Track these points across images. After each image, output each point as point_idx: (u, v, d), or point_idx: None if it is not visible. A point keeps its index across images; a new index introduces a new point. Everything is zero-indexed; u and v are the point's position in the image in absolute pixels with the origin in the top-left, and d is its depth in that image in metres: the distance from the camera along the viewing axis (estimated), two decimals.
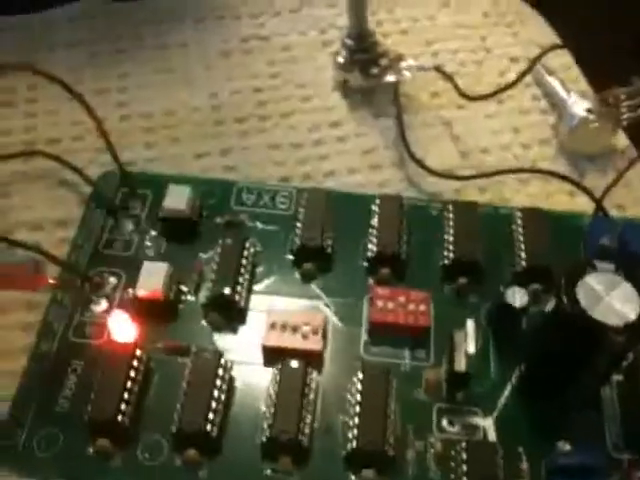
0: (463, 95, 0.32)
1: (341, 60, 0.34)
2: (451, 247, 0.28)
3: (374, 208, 0.29)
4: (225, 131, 0.33)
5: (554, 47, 0.34)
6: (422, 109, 0.34)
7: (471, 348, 0.24)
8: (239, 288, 0.27)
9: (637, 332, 0.21)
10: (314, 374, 0.25)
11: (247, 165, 0.32)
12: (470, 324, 0.24)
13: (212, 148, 0.33)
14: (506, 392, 0.25)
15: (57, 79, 0.28)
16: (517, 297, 0.25)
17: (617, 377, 0.25)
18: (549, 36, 0.38)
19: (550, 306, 0.23)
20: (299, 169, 0.32)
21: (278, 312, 0.26)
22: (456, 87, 0.33)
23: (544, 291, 0.27)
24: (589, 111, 0.31)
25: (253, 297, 0.27)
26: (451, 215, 0.29)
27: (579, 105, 0.32)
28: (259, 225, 0.29)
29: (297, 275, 0.28)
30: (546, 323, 0.23)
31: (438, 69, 0.33)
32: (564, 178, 0.30)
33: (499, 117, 0.34)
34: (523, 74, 0.32)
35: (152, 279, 0.26)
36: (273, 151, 0.33)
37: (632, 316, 0.21)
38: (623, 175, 0.29)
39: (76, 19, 0.38)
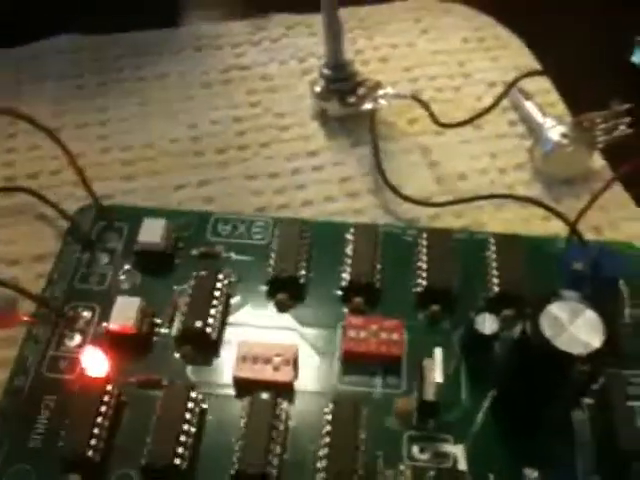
0: (438, 123, 0.32)
1: (319, 89, 0.34)
2: (424, 274, 0.28)
3: (349, 237, 0.29)
4: (204, 162, 0.34)
5: (530, 73, 0.34)
6: (400, 136, 0.35)
7: (438, 377, 0.24)
8: (211, 320, 0.27)
9: (601, 360, 0.21)
10: (285, 405, 0.25)
11: (225, 196, 0.32)
12: (438, 353, 0.24)
13: (191, 179, 0.33)
14: (478, 419, 0.25)
15: (26, 117, 0.29)
16: (487, 324, 0.25)
17: (588, 400, 0.25)
18: (528, 60, 0.38)
19: (516, 334, 0.23)
20: (276, 199, 0.32)
21: (250, 344, 0.26)
22: (432, 115, 0.33)
23: (516, 317, 0.26)
24: (564, 135, 0.31)
25: (227, 328, 0.27)
26: (425, 242, 0.29)
27: (554, 129, 0.32)
28: (234, 256, 0.29)
29: (271, 305, 0.28)
30: (513, 351, 0.23)
31: (414, 97, 0.34)
32: (537, 203, 0.30)
33: (476, 142, 0.34)
34: (498, 100, 0.33)
35: (125, 313, 0.26)
36: (251, 181, 0.33)
37: (596, 344, 0.21)
38: (597, 198, 0.29)
39: (61, 52, 0.38)
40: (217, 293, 0.27)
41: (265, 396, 0.24)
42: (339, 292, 0.28)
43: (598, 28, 0.39)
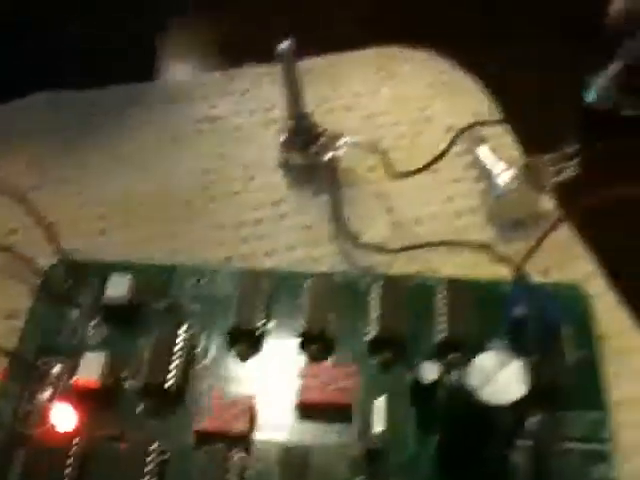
0: (392, 174, 0.34)
1: (282, 140, 0.36)
2: (376, 321, 0.29)
3: (306, 286, 0.31)
4: (173, 214, 0.35)
5: (477, 123, 0.35)
6: (360, 183, 0.36)
7: (379, 427, 0.25)
8: (173, 374, 0.28)
9: (525, 409, 0.23)
10: (240, 455, 0.26)
11: (192, 247, 0.34)
12: (380, 402, 0.26)
13: (160, 232, 0.34)
14: (423, 464, 0.26)
15: None
16: (427, 372, 0.26)
17: (524, 442, 0.26)
18: (487, 104, 0.39)
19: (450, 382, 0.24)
20: (241, 248, 0.34)
21: (210, 395, 0.28)
22: (387, 165, 0.34)
23: (461, 363, 0.28)
24: (513, 179, 0.33)
25: (188, 381, 0.29)
26: (378, 289, 0.30)
27: (504, 174, 0.33)
28: (198, 308, 0.31)
29: (231, 356, 0.29)
30: (448, 399, 0.25)
31: (372, 146, 0.35)
32: (482, 247, 0.31)
33: (432, 187, 0.36)
34: (448, 146, 0.34)
35: (90, 368, 0.28)
36: (217, 232, 0.34)
37: (519, 394, 0.23)
38: (542, 242, 0.30)
39: (37, 109, 0.40)
40: (179, 346, 0.29)
41: (219, 447, 0.26)
42: (297, 341, 0.29)
43: (554, 68, 0.40)
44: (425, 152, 0.36)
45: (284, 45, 0.33)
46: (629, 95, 0.37)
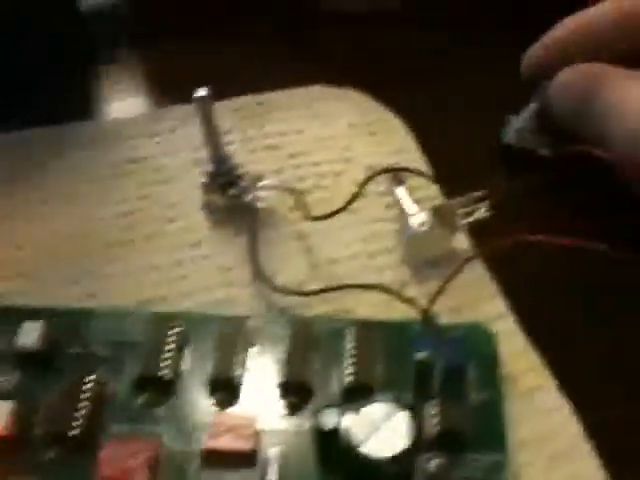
0: (307, 215, 0.34)
1: (204, 181, 0.36)
2: (283, 366, 0.29)
3: (216, 330, 0.31)
4: (91, 258, 0.35)
5: (386, 170, 0.36)
6: (280, 224, 0.36)
7: (272, 476, 0.25)
8: (78, 422, 0.28)
9: (409, 461, 0.23)
10: None
11: (109, 291, 0.34)
12: (273, 452, 0.26)
13: (78, 275, 0.35)
14: None
15: None
16: (328, 419, 0.26)
17: None
18: (410, 143, 0.40)
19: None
20: (158, 292, 0.34)
21: (112, 444, 0.28)
22: (303, 207, 0.35)
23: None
24: (424, 221, 0.33)
25: (95, 428, 0.29)
26: (288, 332, 0.30)
27: (417, 216, 0.34)
28: (110, 353, 0.31)
29: (138, 404, 0.29)
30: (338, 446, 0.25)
31: (291, 189, 0.36)
32: (386, 290, 0.31)
33: (351, 227, 0.36)
34: (359, 190, 0.34)
35: None
36: (134, 275, 0.35)
37: (402, 446, 0.23)
38: (448, 282, 0.31)
39: None
40: (86, 394, 0.29)
41: None
42: (205, 388, 0.30)
43: (479, 108, 0.41)
44: (345, 192, 0.37)
45: (201, 92, 0.33)
46: (545, 135, 0.37)
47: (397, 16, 0.46)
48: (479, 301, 0.33)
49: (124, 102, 0.45)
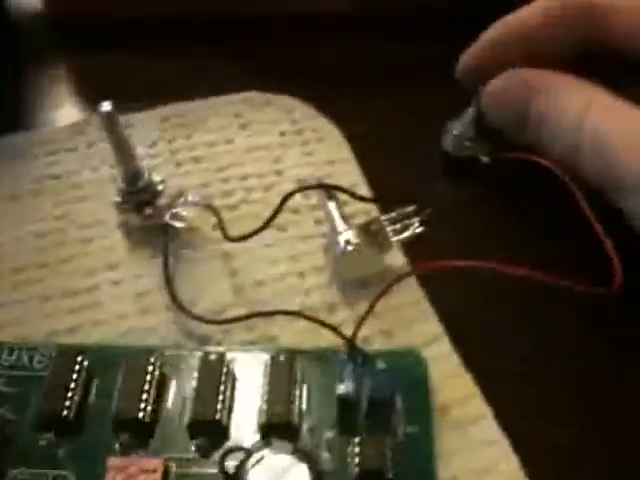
0: (226, 237, 0.32)
1: (118, 200, 0.34)
2: (191, 404, 0.27)
3: (122, 364, 0.28)
4: (1, 284, 0.33)
5: (305, 188, 0.34)
6: (204, 243, 0.34)
7: None
8: None
9: None
10: None
11: (16, 321, 0.31)
12: None
13: None
14: None
15: None
16: (230, 466, 0.24)
17: None
18: (344, 153, 0.38)
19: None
20: (68, 320, 0.31)
21: None
22: (222, 228, 0.32)
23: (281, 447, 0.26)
24: (352, 239, 0.31)
25: None
26: (197, 365, 0.28)
27: (345, 233, 0.31)
28: (14, 390, 0.29)
29: (42, 444, 0.27)
30: None
31: (210, 206, 0.33)
32: (308, 318, 0.29)
33: (279, 245, 0.34)
34: (279, 207, 0.32)
35: None
36: (44, 303, 0.32)
37: None
38: (375, 305, 0.29)
39: None
40: None
41: None
42: (110, 428, 0.27)
43: (413, 115, 0.39)
44: (275, 207, 0.34)
45: (105, 106, 0.30)
46: (484, 142, 0.35)
47: (335, 21, 0.44)
48: (412, 323, 0.31)
49: (52, 114, 0.42)
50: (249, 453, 0.24)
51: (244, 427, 0.27)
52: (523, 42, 0.32)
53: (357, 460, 0.25)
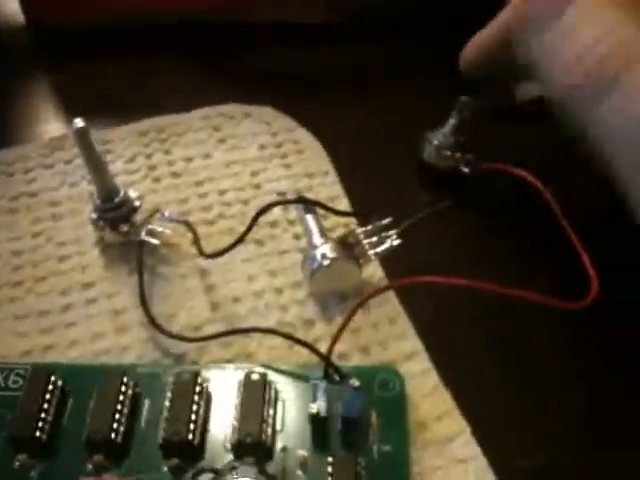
0: (202, 253, 0.32)
1: (94, 217, 0.34)
2: (164, 424, 0.27)
3: (97, 383, 0.28)
4: None
5: (276, 203, 0.34)
6: (181, 259, 0.34)
7: None
8: None
9: None
10: None
11: None
12: None
13: None
14: None
15: None
16: None
17: None
18: (323, 165, 0.37)
19: None
20: (42, 340, 0.31)
21: None
22: (197, 244, 0.32)
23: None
24: (328, 253, 0.31)
25: None
26: (172, 385, 0.28)
27: (322, 247, 0.31)
28: None
29: (16, 465, 0.27)
30: None
31: (186, 222, 0.33)
32: (283, 335, 0.29)
33: (257, 260, 0.34)
34: (253, 220, 0.32)
35: None
36: (18, 322, 0.32)
37: None
38: (347, 324, 0.28)
39: None
40: None
41: None
42: (83, 450, 0.27)
43: (394, 126, 0.38)
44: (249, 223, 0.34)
45: (77, 123, 0.30)
46: (464, 152, 0.35)
47: (312, 31, 0.44)
48: (390, 339, 0.31)
49: (31, 128, 0.42)
50: (219, 474, 0.23)
51: (217, 446, 0.27)
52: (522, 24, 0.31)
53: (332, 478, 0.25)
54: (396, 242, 0.31)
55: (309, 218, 0.33)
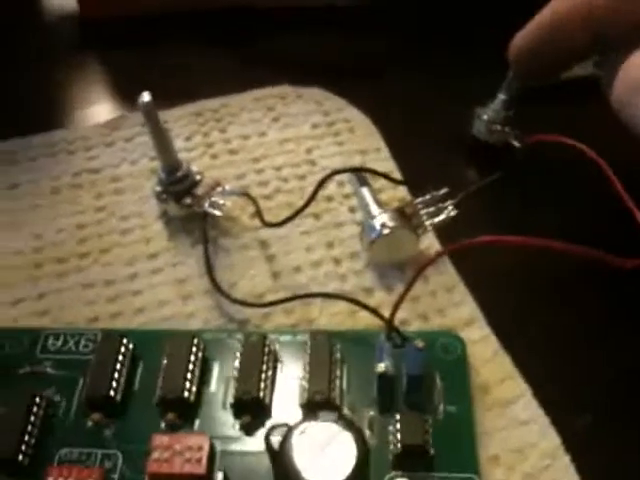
0: (263, 223, 0.33)
1: (158, 190, 0.35)
2: (235, 383, 0.28)
3: (166, 347, 0.29)
4: (43, 274, 0.34)
5: (343, 170, 0.34)
6: (240, 231, 0.35)
7: None
8: (24, 447, 0.27)
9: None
10: None
11: (60, 308, 0.32)
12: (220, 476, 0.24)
13: (28, 293, 0.33)
14: None
15: None
16: (274, 441, 0.25)
17: None
18: (375, 142, 0.38)
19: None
20: (109, 308, 0.32)
21: (59, 469, 0.26)
22: (258, 213, 0.33)
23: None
24: (386, 223, 0.31)
25: (41, 451, 0.27)
26: (240, 347, 0.29)
27: (379, 217, 0.32)
28: (61, 373, 0.29)
29: (88, 425, 0.28)
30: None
31: (247, 194, 0.34)
32: (349, 300, 0.30)
33: (315, 233, 0.34)
34: (314, 193, 0.33)
35: None
36: (86, 291, 0.33)
37: (347, 470, 0.21)
38: (411, 288, 0.29)
39: None
40: (33, 417, 0.27)
41: None
42: (156, 409, 0.28)
43: (443, 102, 0.39)
44: (309, 195, 0.35)
45: (144, 97, 0.31)
46: (514, 127, 0.36)
47: (352, 14, 0.45)
48: (449, 306, 0.31)
49: (86, 110, 0.43)
50: (293, 429, 0.24)
51: (286, 406, 0.27)
52: (588, 23, 0.29)
53: (399, 436, 0.26)
54: (453, 213, 0.32)
55: (364, 191, 0.34)
